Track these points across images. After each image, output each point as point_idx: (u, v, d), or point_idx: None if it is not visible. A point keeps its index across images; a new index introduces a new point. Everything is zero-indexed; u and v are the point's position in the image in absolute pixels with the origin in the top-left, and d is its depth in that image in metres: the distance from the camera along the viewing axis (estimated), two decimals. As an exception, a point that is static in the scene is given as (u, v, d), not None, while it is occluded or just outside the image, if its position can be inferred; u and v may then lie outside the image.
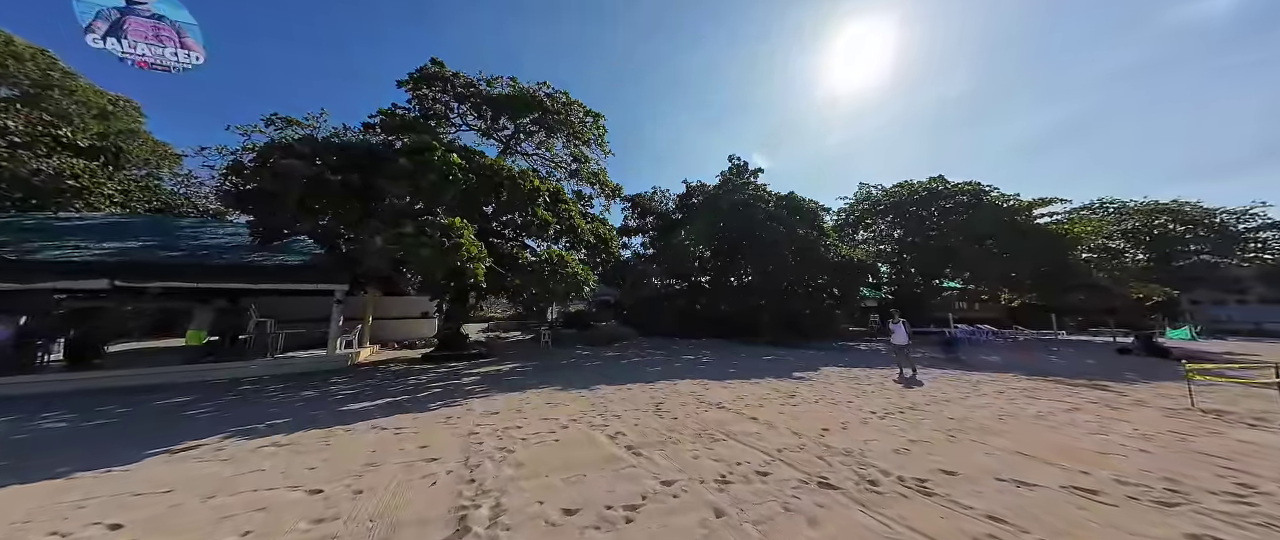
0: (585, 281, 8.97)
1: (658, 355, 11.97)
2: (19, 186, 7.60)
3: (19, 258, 7.46)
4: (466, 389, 6.96)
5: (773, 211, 17.26)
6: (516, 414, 5.10)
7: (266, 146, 8.03)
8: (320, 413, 5.48)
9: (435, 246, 6.73)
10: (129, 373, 8.38)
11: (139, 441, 4.28)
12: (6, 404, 6.25)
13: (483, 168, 9.03)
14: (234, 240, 10.83)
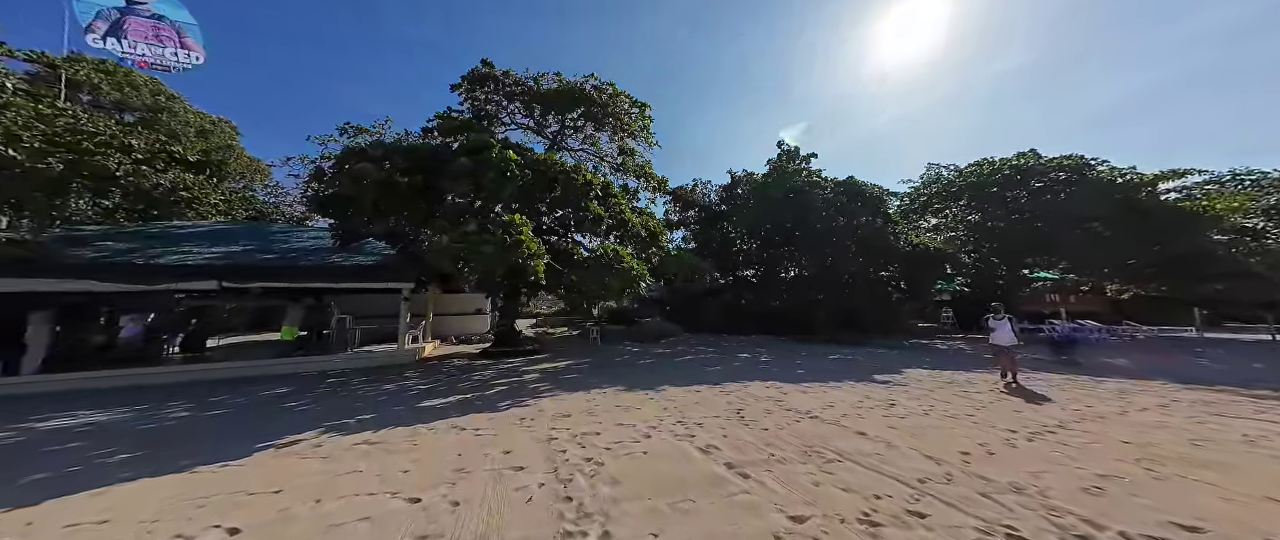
0: (640, 277, 8.66)
1: (710, 353, 11.46)
2: (142, 198, 8.58)
3: (146, 262, 8.40)
4: (531, 387, 6.92)
5: (830, 198, 15.93)
6: (589, 417, 4.87)
7: (343, 153, 8.46)
8: (401, 409, 5.61)
9: (497, 244, 6.69)
10: (235, 365, 9.28)
11: (248, 434, 4.53)
12: (139, 393, 7.05)
13: (537, 163, 8.96)
14: (317, 243, 11.69)
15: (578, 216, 8.89)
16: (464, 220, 7.45)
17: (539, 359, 10.86)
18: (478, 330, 19.29)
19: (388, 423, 4.85)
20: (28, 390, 7.44)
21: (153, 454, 3.96)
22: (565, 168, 9.17)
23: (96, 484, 3.22)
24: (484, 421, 4.83)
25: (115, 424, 5.22)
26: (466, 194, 8.10)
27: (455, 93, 13.52)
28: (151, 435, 4.68)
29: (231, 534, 2.44)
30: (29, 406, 6.17)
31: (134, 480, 3.30)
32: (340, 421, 4.97)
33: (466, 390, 6.70)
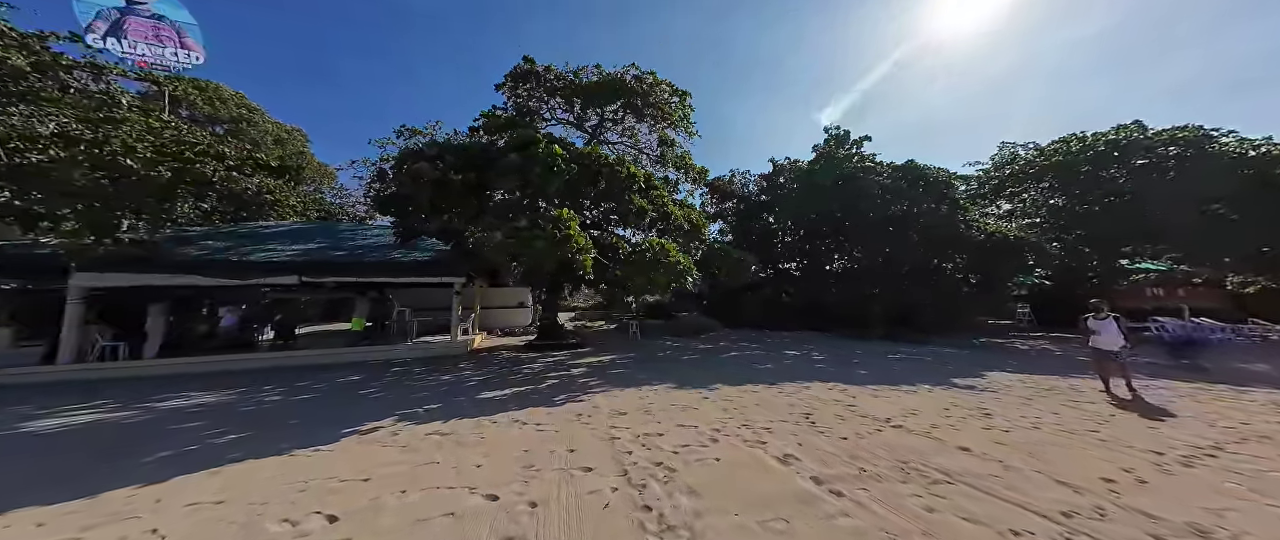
0: (687, 271, 8.41)
1: (755, 349, 11.06)
2: (233, 201, 9.47)
3: (239, 259, 9.30)
4: (580, 382, 6.94)
5: (887, 185, 14.70)
6: (646, 416, 4.76)
7: (401, 154, 8.87)
8: (463, 399, 5.79)
9: (548, 238, 6.72)
10: (313, 353, 10.12)
11: (334, 419, 4.84)
12: (236, 377, 7.84)
13: (581, 157, 8.92)
14: (379, 240, 12.47)
15: (621, 210, 8.78)
16: (513, 216, 7.56)
17: (583, 352, 10.96)
18: (520, 323, 19.93)
19: (453, 414, 5.00)
20: (149, 373, 8.52)
21: (256, 435, 4.32)
22: (609, 161, 9.08)
23: (211, 464, 3.53)
24: (543, 416, 4.86)
25: (221, 405, 5.79)
26: (514, 190, 8.22)
27: (499, 92, 13.82)
28: (252, 417, 5.13)
29: (331, 521, 2.54)
30: (150, 387, 7.02)
31: (242, 461, 3.58)
32: (411, 410, 5.21)
33: (520, 383, 6.84)
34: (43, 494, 2.99)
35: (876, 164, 15.86)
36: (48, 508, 2.78)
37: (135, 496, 2.95)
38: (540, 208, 7.85)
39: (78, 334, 8.63)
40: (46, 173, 7.04)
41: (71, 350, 8.51)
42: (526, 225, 6.75)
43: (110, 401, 6.15)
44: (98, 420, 5.16)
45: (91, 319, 8.94)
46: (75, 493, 2.99)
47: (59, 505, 2.81)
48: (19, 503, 2.85)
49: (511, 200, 8.11)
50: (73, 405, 5.89)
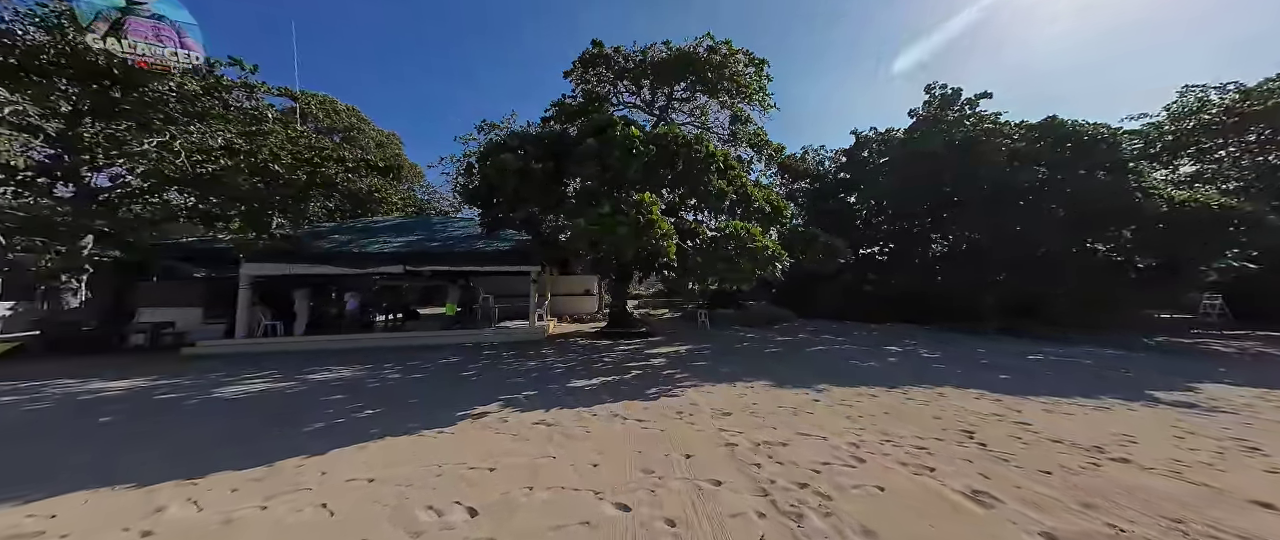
0: (778, 257, 7.68)
1: (843, 344, 9.96)
2: (350, 199, 10.64)
3: (359, 250, 10.51)
4: (665, 374, 6.70)
5: (1019, 148, 12.10)
6: (756, 420, 4.31)
7: (487, 147, 9.23)
8: (556, 388, 5.85)
9: (631, 224, 6.46)
10: (416, 334, 11.23)
11: (446, 401, 5.13)
12: (361, 354, 8.88)
13: (658, 138, 8.50)
14: (465, 231, 13.42)
15: (700, 192, 8.24)
16: (595, 202, 7.44)
17: (655, 341, 10.78)
18: (588, 310, 20.47)
19: (552, 402, 5.03)
20: (297, 348, 10.07)
21: (386, 413, 4.70)
22: (687, 140, 8.54)
23: (357, 439, 3.85)
24: (640, 411, 4.66)
25: (355, 380, 6.53)
26: (592, 177, 8.10)
27: (567, 79, 13.85)
28: (380, 394, 5.68)
29: (471, 514, 2.53)
30: (300, 361, 8.21)
31: (381, 438, 3.87)
32: (511, 396, 5.36)
33: (605, 372, 6.79)
34: (233, 458, 3.45)
35: (1002, 124, 13.11)
36: (238, 473, 3.18)
37: (303, 467, 3.27)
38: (620, 193, 7.63)
39: (247, 314, 10.48)
40: (220, 180, 8.47)
41: (244, 327, 10.38)
42: (608, 211, 6.57)
43: (274, 372, 7.28)
44: (267, 389, 6.09)
45: (256, 301, 10.81)
46: (257, 459, 3.40)
47: (246, 471, 3.20)
48: (216, 465, 3.30)
49: (590, 187, 8.00)
50: (248, 374, 7.08)
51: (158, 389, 6.12)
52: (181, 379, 6.81)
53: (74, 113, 7.87)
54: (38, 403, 5.41)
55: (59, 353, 8.94)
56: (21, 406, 5.22)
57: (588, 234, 6.72)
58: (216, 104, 9.03)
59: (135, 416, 4.78)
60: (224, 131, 9.24)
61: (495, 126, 12.60)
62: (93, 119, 7.97)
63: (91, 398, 5.64)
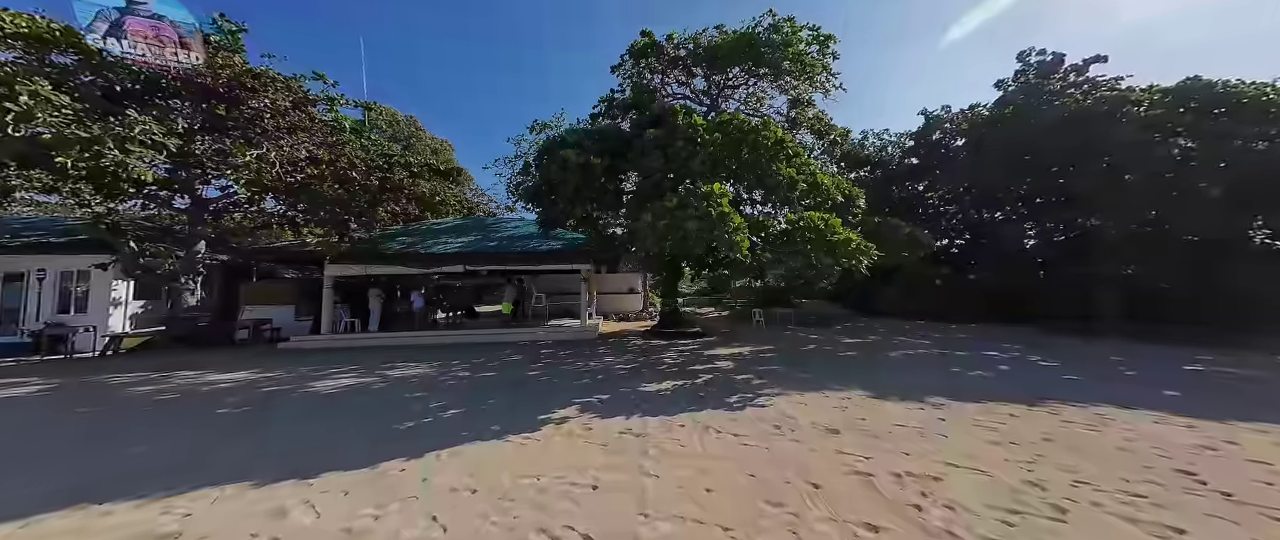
0: (864, 251, 6.93)
1: (925, 346, 9.00)
2: (417, 202, 11.11)
3: (425, 251, 10.97)
4: (739, 378, 6.24)
5: (1152, 117, 10.14)
6: (871, 440, 3.72)
7: (546, 144, 9.19)
8: (627, 391, 5.61)
9: (702, 218, 6.05)
10: (474, 332, 11.59)
11: (523, 403, 5.03)
12: (428, 351, 9.17)
13: (722, 125, 7.99)
14: (518, 231, 13.69)
15: (768, 182, 7.64)
16: (660, 196, 7.10)
17: (711, 341, 10.33)
18: (632, 309, 20.29)
19: (629, 408, 4.78)
20: (372, 344, 10.69)
21: (469, 413, 4.67)
22: (753, 126, 7.96)
23: (448, 442, 3.79)
24: (727, 422, 4.27)
25: (431, 378, 6.70)
26: (654, 170, 7.76)
27: (614, 74, 13.61)
28: (457, 392, 5.73)
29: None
30: (377, 357, 8.63)
31: (471, 442, 3.79)
32: (587, 399, 5.18)
33: (671, 375, 6.45)
34: (340, 457, 3.49)
35: (1124, 91, 11.05)
36: (347, 474, 3.18)
37: (406, 472, 3.23)
38: (686, 185, 7.22)
39: (330, 312, 11.32)
40: (308, 187, 9.12)
41: (328, 324, 11.22)
42: (676, 204, 6.19)
43: (356, 368, 7.69)
44: (355, 384, 6.38)
45: (338, 300, 11.66)
46: (362, 460, 3.42)
47: (354, 473, 3.20)
48: (326, 463, 3.35)
49: (652, 180, 7.68)
50: (335, 369, 7.52)
51: (262, 382, 6.61)
52: (280, 372, 7.35)
53: (189, 131, 8.78)
54: (166, 393, 6.01)
55: (180, 346, 10.11)
56: (155, 396, 5.80)
57: (654, 229, 6.40)
58: (303, 118, 9.73)
59: (248, 408, 5.13)
60: (307, 143, 9.96)
61: (546, 126, 12.68)
62: (205, 135, 8.88)
63: (209, 389, 6.18)
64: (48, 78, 6.93)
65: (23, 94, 6.20)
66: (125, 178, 8.70)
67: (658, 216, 6.25)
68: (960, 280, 15.05)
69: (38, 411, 5.24)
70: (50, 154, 6.52)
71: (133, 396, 5.81)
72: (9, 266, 10.52)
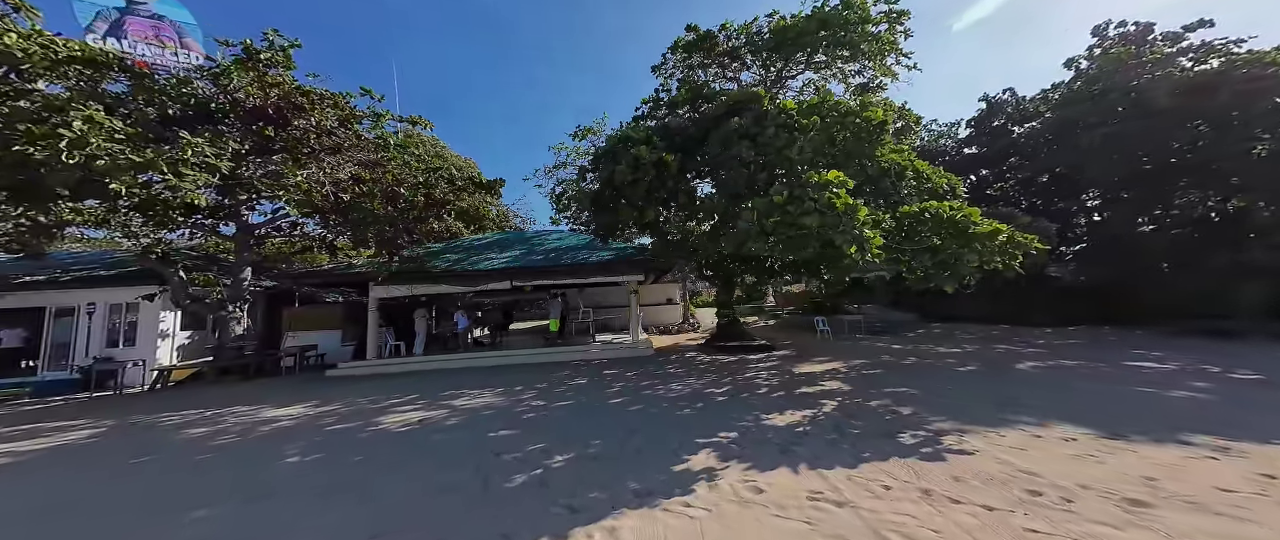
0: (1023, 245, 5.89)
1: (1060, 357, 7.73)
2: (461, 217, 10.60)
3: (472, 268, 10.40)
4: (875, 407, 5.18)
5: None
6: (1211, 516, 2.65)
7: (610, 142, 8.41)
8: (750, 425, 4.68)
9: (824, 212, 5.15)
10: (526, 352, 10.82)
11: (646, 447, 4.18)
12: (481, 374, 8.33)
13: (815, 108, 7.11)
14: (561, 243, 13.07)
15: (871, 171, 6.72)
16: (757, 191, 6.26)
17: (787, 356, 9.34)
18: (671, 321, 19.33)
19: (779, 454, 3.82)
20: (420, 368, 10.04)
21: (582, 463, 3.79)
22: (851, 108, 7.09)
23: (589, 510, 2.95)
24: (945, 481, 3.09)
25: (505, 409, 5.92)
26: (744, 162, 6.81)
27: (655, 74, 13.01)
28: (546, 427, 4.93)
29: None
30: (432, 384, 7.92)
31: (615, 511, 2.90)
32: (711, 439, 4.25)
33: (788, 403, 5.40)
34: (449, 533, 2.72)
35: (1259, 53, 9.64)
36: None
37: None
38: (780, 178, 6.35)
39: (376, 336, 10.81)
40: (357, 207, 8.68)
41: (374, 348, 10.70)
42: (787, 197, 5.33)
43: (416, 397, 7.01)
44: (424, 418, 5.66)
45: (382, 323, 11.17)
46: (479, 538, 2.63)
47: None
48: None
49: (742, 174, 6.77)
50: (396, 400, 6.84)
51: (322, 419, 5.97)
52: (338, 405, 6.72)
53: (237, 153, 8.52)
54: (224, 435, 5.40)
55: (228, 377, 9.69)
56: (213, 440, 5.19)
57: (760, 228, 5.51)
58: (350, 136, 9.39)
59: (318, 455, 4.44)
60: (351, 162, 9.59)
61: (589, 131, 12.10)
62: (253, 157, 8.60)
63: (269, 429, 5.56)
64: (102, 103, 6.68)
65: (76, 120, 5.90)
66: (176, 204, 8.43)
67: (764, 212, 5.39)
68: (1039, 278, 13.66)
69: (90, 464, 4.67)
70: (104, 181, 6.18)
71: (189, 441, 5.22)
72: (60, 301, 10.39)
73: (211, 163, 7.01)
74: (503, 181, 10.92)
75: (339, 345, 11.59)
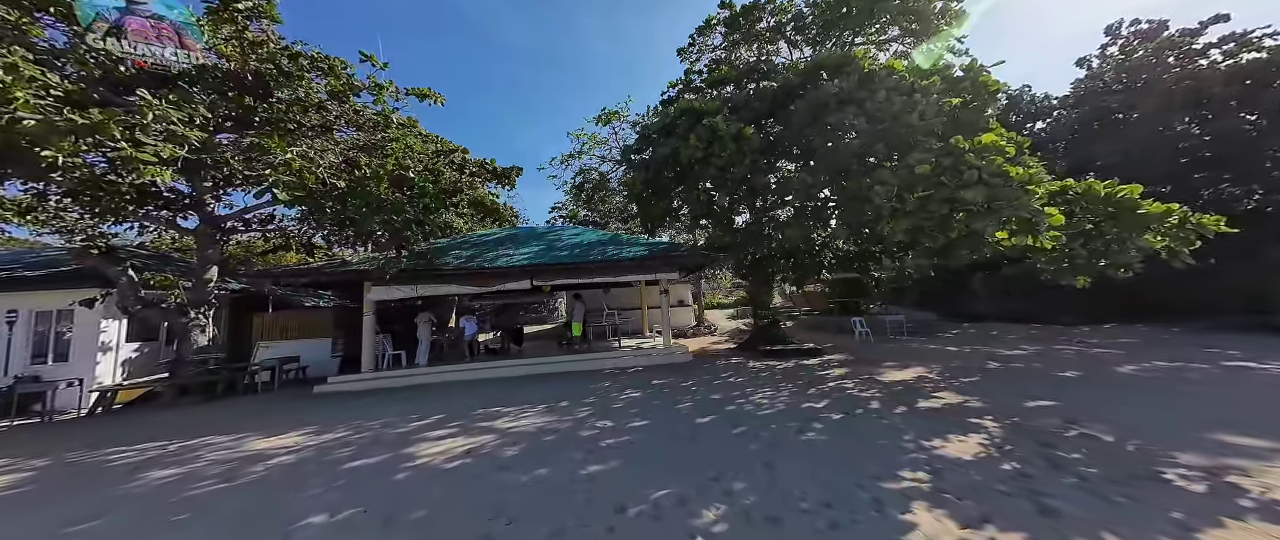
0: (1208, 229, 5.12)
1: (1144, 358, 7.22)
2: (476, 207, 9.37)
3: (489, 266, 9.17)
4: (1028, 423, 4.52)
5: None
6: None
7: (676, 113, 7.17)
8: (921, 457, 3.65)
9: (991, 182, 4.26)
10: (552, 359, 9.54)
11: (782, 490, 3.20)
12: (505, 387, 7.01)
13: (925, 72, 6.25)
14: (580, 238, 11.94)
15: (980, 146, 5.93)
16: (870, 165, 5.37)
17: (846, 359, 8.62)
18: (686, 323, 18.47)
19: (1000, 505, 2.96)
20: (426, 381, 8.64)
21: (777, 531, 2.75)
22: (968, 69, 6.29)
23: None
24: None
25: (569, 433, 4.81)
26: (832, 135, 5.87)
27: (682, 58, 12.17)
28: (636, 458, 3.89)
29: None
30: (452, 401, 6.63)
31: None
32: (898, 481, 3.32)
33: (930, 425, 4.45)
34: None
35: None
36: None
37: None
38: (910, 146, 5.38)
39: (372, 344, 9.35)
40: (361, 190, 7.33)
41: (370, 359, 9.24)
42: (934, 168, 4.41)
43: (444, 419, 5.76)
44: (473, 449, 4.49)
45: (379, 330, 9.71)
46: None
47: None
48: None
49: (837, 149, 5.80)
50: (415, 422, 5.57)
51: (331, 452, 4.70)
52: (344, 431, 5.42)
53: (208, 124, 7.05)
54: (202, 476, 4.07)
55: (190, 397, 8.04)
56: (188, 488, 3.85)
57: (900, 209, 4.58)
58: (348, 110, 8.04)
59: (351, 509, 3.20)
60: (340, 145, 8.21)
61: (614, 115, 11.08)
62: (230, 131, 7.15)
63: (264, 468, 4.25)
64: (32, 53, 5.17)
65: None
66: (126, 188, 6.85)
67: (905, 186, 4.46)
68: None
69: (2, 533, 3.28)
70: (34, 148, 4.70)
71: (155, 490, 3.87)
72: (-31, 308, 8.45)
73: (178, 130, 5.59)
74: (519, 170, 9.75)
75: (328, 356, 10.03)
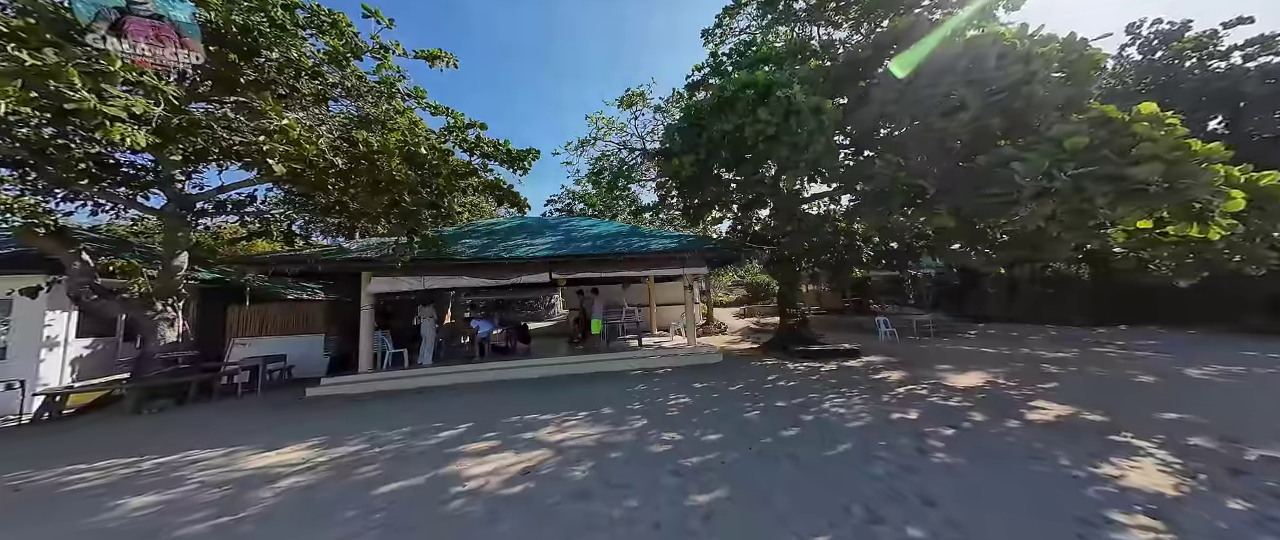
0: None
1: (1219, 362, 7.03)
2: (489, 190, 8.58)
3: (508, 256, 8.39)
4: (1184, 441, 4.15)
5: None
6: None
7: (738, 85, 6.30)
8: (1095, 496, 3.32)
9: (1168, 159, 3.53)
10: (570, 360, 8.81)
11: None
12: (524, 391, 6.42)
13: (1050, 37, 5.65)
14: (599, 229, 11.23)
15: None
16: (985, 143, 4.80)
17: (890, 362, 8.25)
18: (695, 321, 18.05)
19: None
20: (432, 383, 7.79)
21: None
22: (1053, 46, 5.81)
23: None
24: None
25: (636, 449, 4.17)
26: (932, 110, 5.24)
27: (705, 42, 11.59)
28: (741, 483, 3.28)
29: None
30: (471, 408, 5.91)
31: None
32: (1090, 525, 2.87)
33: (1059, 453, 4.02)
34: None
35: None
36: None
37: None
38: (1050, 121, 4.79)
39: (371, 341, 8.42)
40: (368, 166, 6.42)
41: (368, 358, 8.31)
42: (1088, 143, 3.80)
43: (473, 425, 5.04)
44: (527, 467, 3.80)
45: (378, 325, 8.77)
46: None
47: None
48: None
49: (947, 124, 5.17)
50: (445, 432, 4.82)
51: (352, 471, 3.92)
52: (359, 445, 4.62)
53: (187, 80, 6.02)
54: (190, 505, 3.25)
55: (157, 400, 6.94)
56: (178, 528, 3.03)
57: (1038, 189, 3.99)
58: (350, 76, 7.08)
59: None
60: (329, 124, 7.24)
61: (638, 96, 10.39)
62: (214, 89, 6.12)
63: (271, 495, 3.45)
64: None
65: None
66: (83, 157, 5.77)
67: (1056, 163, 3.70)
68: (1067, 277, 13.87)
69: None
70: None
71: (127, 527, 3.04)
72: (-124, 297, 7.10)
73: (153, 83, 4.62)
74: (537, 153, 8.94)
75: (319, 354, 9.01)
